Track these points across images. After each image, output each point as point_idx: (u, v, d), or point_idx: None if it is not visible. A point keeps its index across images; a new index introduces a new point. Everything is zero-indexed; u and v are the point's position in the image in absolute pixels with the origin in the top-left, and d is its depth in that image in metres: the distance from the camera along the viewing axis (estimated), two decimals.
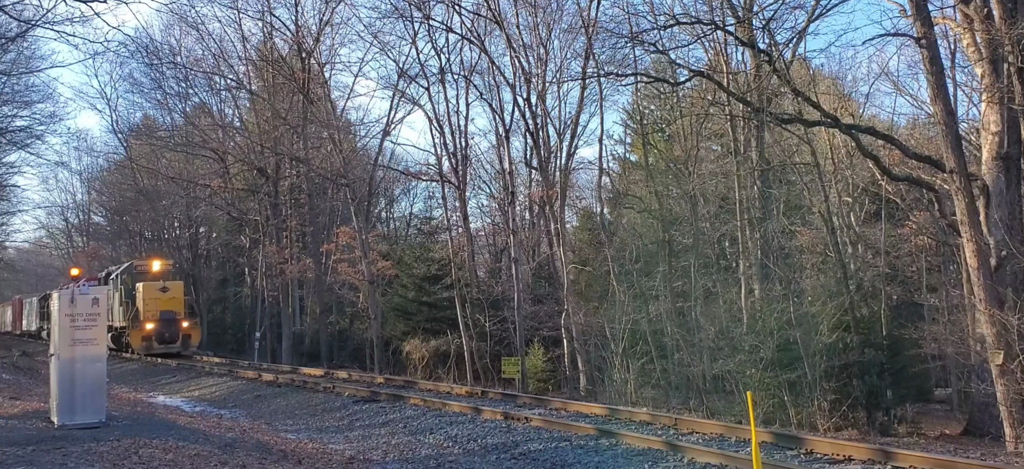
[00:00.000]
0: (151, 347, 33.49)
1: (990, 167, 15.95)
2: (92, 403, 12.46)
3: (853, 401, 21.16)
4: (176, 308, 34.15)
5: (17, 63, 31.38)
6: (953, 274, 25.90)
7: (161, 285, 34.06)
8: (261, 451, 11.49)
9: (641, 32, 22.89)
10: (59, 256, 74.49)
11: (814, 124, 21.01)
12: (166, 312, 33.76)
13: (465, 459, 10.98)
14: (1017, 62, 15.20)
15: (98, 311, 12.83)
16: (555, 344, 30.39)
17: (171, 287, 34.32)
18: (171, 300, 33.99)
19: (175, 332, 33.93)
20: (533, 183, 34.09)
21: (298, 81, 36.13)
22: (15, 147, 36.16)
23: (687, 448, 10.12)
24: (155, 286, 33.92)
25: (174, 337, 33.86)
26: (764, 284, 25.30)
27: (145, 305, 33.60)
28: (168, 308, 33.83)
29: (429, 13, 31.81)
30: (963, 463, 9.54)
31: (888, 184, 24.46)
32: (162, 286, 33.98)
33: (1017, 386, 14.64)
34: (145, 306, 33.61)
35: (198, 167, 43.39)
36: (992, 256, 15.59)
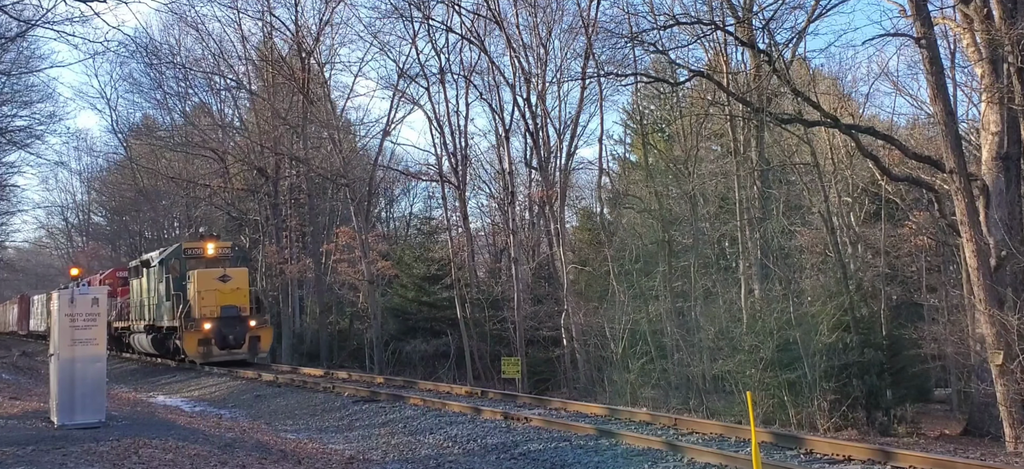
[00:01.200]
0: (210, 354, 26.40)
1: (990, 167, 15.97)
2: (92, 403, 12.46)
3: (853, 401, 21.15)
4: (241, 302, 26.80)
5: (17, 63, 31.40)
6: (953, 274, 25.90)
7: (221, 273, 26.79)
8: (261, 451, 11.49)
9: (641, 32, 22.91)
10: (59, 256, 74.52)
11: (814, 124, 21.02)
12: (229, 308, 26.54)
13: (465, 459, 10.98)
14: (1017, 62, 15.20)
15: (98, 311, 12.83)
16: (555, 344, 30.39)
17: (234, 275, 26.99)
18: (234, 292, 26.76)
19: (241, 334, 26.69)
20: (533, 183, 34.10)
21: (298, 81, 36.13)
22: (15, 147, 36.15)
23: (687, 448, 10.12)
24: (213, 274, 26.78)
25: (239, 340, 26.66)
26: (764, 284, 25.30)
27: (202, 299, 26.43)
28: (231, 302, 26.60)
29: (429, 13, 31.85)
30: (963, 463, 9.54)
31: (888, 184, 24.45)
32: (222, 274, 26.76)
33: (1017, 386, 14.64)
34: (202, 300, 26.42)
35: (198, 167, 43.38)
36: (992, 256, 15.59)
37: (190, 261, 28.14)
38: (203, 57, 40.27)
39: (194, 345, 26.33)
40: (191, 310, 26.60)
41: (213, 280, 26.62)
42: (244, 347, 26.67)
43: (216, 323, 26.35)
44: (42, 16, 17.14)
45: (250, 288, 27.57)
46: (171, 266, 28.33)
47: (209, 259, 28.11)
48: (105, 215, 65.44)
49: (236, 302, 26.68)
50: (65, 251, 72.58)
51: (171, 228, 53.56)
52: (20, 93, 34.09)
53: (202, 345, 26.31)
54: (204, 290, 26.45)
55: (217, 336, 26.32)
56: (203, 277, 26.64)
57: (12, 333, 59.42)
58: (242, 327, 26.73)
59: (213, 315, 26.34)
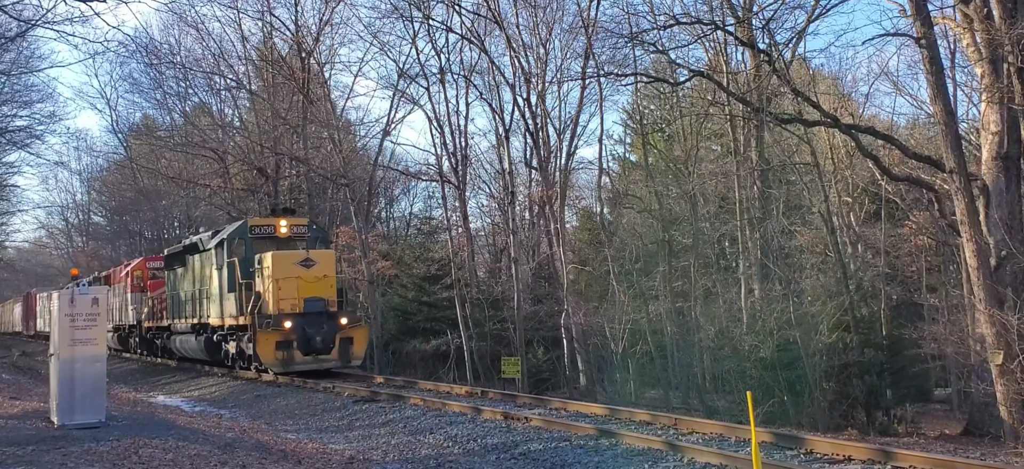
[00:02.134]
0: (290, 360, 20.72)
1: (990, 167, 15.96)
2: (92, 403, 12.47)
3: (853, 401, 21.18)
4: (328, 293, 21.19)
5: (17, 63, 31.37)
6: (953, 274, 25.90)
7: (302, 255, 21.26)
8: (261, 451, 11.49)
9: (641, 32, 22.91)
10: (59, 256, 74.50)
11: (814, 124, 21.03)
12: (314, 301, 20.89)
13: (465, 459, 10.98)
14: (1017, 62, 15.20)
15: (98, 311, 12.84)
16: (555, 344, 30.40)
17: (318, 259, 21.33)
18: (320, 281, 21.12)
19: (330, 334, 20.96)
20: (533, 183, 34.09)
21: (298, 81, 36.11)
22: (15, 147, 36.14)
23: (687, 448, 10.12)
24: (292, 257, 21.17)
25: (328, 343, 20.98)
26: (764, 284, 25.32)
27: (279, 289, 20.75)
28: (317, 294, 20.98)
29: (429, 13, 31.81)
30: (963, 463, 9.55)
31: (888, 184, 24.46)
32: (304, 257, 21.18)
33: (1017, 386, 14.64)
34: (279, 291, 20.76)
35: (198, 167, 43.34)
36: (992, 256, 15.59)
37: (257, 242, 22.48)
38: (203, 57, 40.24)
39: (271, 349, 20.49)
40: (264, 304, 20.86)
41: (292, 265, 20.90)
42: (333, 353, 20.99)
43: (298, 321, 20.58)
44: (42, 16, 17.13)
45: (336, 275, 22.03)
46: (234, 248, 22.48)
47: (281, 239, 22.53)
48: (105, 215, 65.42)
49: (322, 293, 20.99)
50: (65, 251, 72.60)
51: (171, 228, 53.55)
52: (20, 93, 34.10)
53: (281, 349, 20.56)
54: (282, 278, 20.67)
55: (300, 338, 20.54)
56: (281, 261, 20.90)
57: (16, 333, 58.25)
58: (331, 325, 20.97)
59: (294, 310, 20.66)
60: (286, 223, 23.05)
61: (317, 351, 20.83)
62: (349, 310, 22.41)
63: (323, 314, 20.91)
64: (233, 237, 22.90)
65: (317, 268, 21.17)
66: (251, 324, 20.86)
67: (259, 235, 22.83)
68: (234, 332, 22.69)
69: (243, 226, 23.31)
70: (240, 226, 23.45)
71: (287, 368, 20.70)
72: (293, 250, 21.88)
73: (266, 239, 22.65)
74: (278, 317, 20.52)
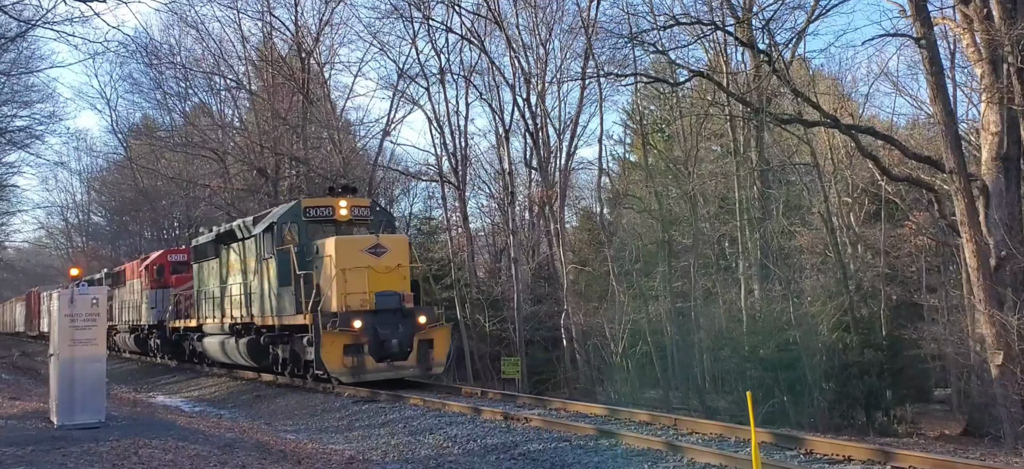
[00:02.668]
0: (361, 369, 17.14)
1: (990, 167, 15.97)
2: (92, 403, 12.46)
3: (853, 401, 21.19)
4: (402, 286, 17.81)
5: (17, 63, 31.35)
6: (953, 274, 25.89)
7: (371, 241, 17.73)
8: (261, 451, 11.49)
9: (641, 32, 22.97)
10: (59, 256, 74.50)
11: (814, 124, 21.04)
12: (387, 296, 17.48)
13: (465, 459, 10.98)
14: (1017, 62, 15.21)
15: (98, 311, 12.84)
16: (555, 344, 30.41)
17: (390, 245, 17.92)
18: (392, 271, 17.68)
19: (407, 336, 17.49)
20: (533, 183, 34.10)
21: (298, 81, 36.12)
22: (15, 147, 36.11)
23: (687, 448, 10.12)
24: (359, 244, 17.75)
25: (405, 346, 17.48)
26: (764, 284, 25.33)
27: (345, 281, 17.28)
28: (390, 287, 17.58)
29: (429, 13, 31.85)
30: (963, 463, 9.54)
31: (888, 184, 24.46)
32: (374, 244, 17.66)
33: (1017, 386, 14.65)
34: (345, 284, 17.28)
35: (198, 167, 43.34)
36: (992, 256, 15.60)
37: (311, 226, 19.19)
38: (203, 57, 40.26)
39: (338, 355, 16.95)
40: (326, 300, 17.38)
41: (360, 252, 17.43)
42: (412, 359, 17.49)
43: (369, 320, 17.11)
44: (42, 16, 17.17)
45: (409, 265, 18.31)
46: (286, 234, 18.92)
47: (341, 223, 19.25)
48: (105, 215, 65.43)
49: (396, 286, 17.59)
50: (65, 251, 72.57)
51: (171, 228, 53.57)
52: (20, 93, 34.07)
53: (350, 355, 17.00)
54: (349, 267, 17.25)
55: (372, 341, 17.11)
56: (346, 248, 17.47)
57: (18, 334, 57.47)
58: (407, 325, 17.49)
59: (363, 307, 17.24)
60: (346, 204, 19.31)
61: (392, 356, 17.26)
62: (426, 306, 19.13)
63: (398, 311, 17.43)
64: (284, 220, 19.19)
65: (389, 256, 17.60)
66: (313, 324, 17.21)
67: (314, 218, 19.33)
68: (286, 334, 19.18)
69: (296, 208, 19.56)
70: (292, 208, 19.72)
71: (357, 378, 17.08)
72: (360, 234, 18.62)
73: (322, 223, 19.30)
74: (346, 315, 16.98)
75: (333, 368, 17.10)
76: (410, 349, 17.46)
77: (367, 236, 18.27)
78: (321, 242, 18.26)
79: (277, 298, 19.24)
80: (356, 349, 17.03)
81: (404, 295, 17.72)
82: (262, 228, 20.01)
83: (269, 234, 19.58)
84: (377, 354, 17.19)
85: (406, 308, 17.66)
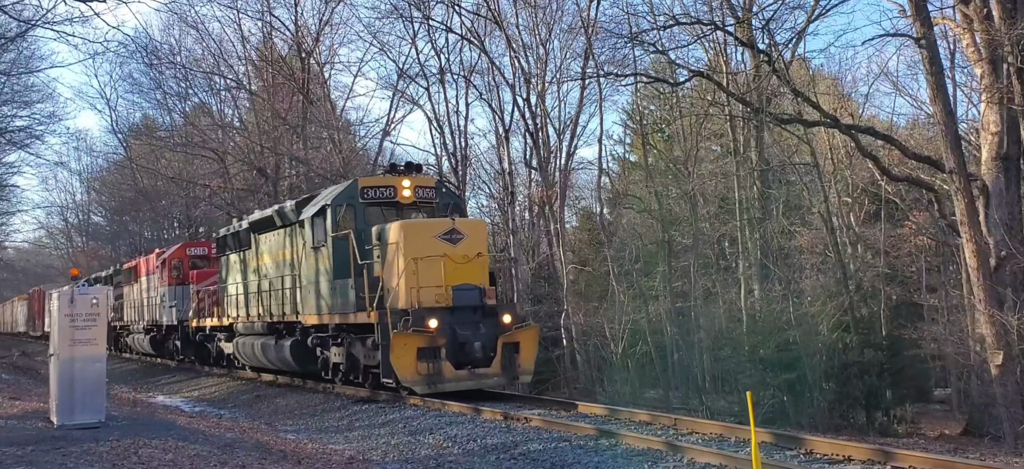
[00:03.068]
0: (439, 376, 14.81)
1: (990, 167, 15.99)
2: (92, 403, 12.47)
3: (853, 401, 21.19)
4: (481, 280, 15.46)
5: (17, 63, 31.34)
6: (953, 274, 25.89)
7: (447, 226, 15.34)
8: (261, 451, 11.49)
9: (641, 32, 22.98)
10: (59, 256, 74.54)
11: (814, 124, 21.05)
12: (465, 290, 15.12)
13: (465, 459, 10.98)
14: (1016, 62, 15.23)
15: (98, 311, 12.85)
16: (555, 344, 30.40)
17: (467, 230, 15.57)
18: (471, 262, 15.32)
19: (490, 339, 15.10)
20: (533, 183, 34.09)
21: (298, 81, 36.13)
22: (15, 147, 36.04)
23: (687, 448, 10.12)
24: (431, 228, 15.43)
25: (487, 353, 15.04)
26: (764, 284, 25.33)
27: (416, 273, 14.89)
28: (469, 280, 15.24)
29: (429, 13, 31.85)
30: (963, 463, 9.55)
31: (888, 184, 24.47)
32: (449, 229, 15.30)
33: (1017, 386, 14.66)
34: (416, 276, 14.89)
35: (198, 167, 43.37)
36: (992, 256, 15.62)
37: (370, 209, 16.72)
38: (203, 57, 40.28)
39: (410, 360, 14.50)
40: (392, 294, 14.94)
41: (432, 239, 15.05)
42: (495, 365, 14.98)
43: (445, 319, 14.73)
44: (42, 16, 17.17)
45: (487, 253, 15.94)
46: (341, 218, 16.47)
47: (404, 206, 16.76)
48: (105, 215, 65.43)
49: (476, 279, 15.22)
50: (65, 251, 72.63)
51: (171, 228, 53.58)
52: (20, 93, 34.02)
53: (425, 360, 14.60)
54: (421, 257, 14.82)
55: (450, 343, 14.73)
56: (416, 234, 15.12)
57: (20, 334, 57.03)
58: (490, 326, 15.06)
59: (439, 303, 14.86)
60: (410, 184, 16.79)
61: (474, 362, 14.83)
62: (509, 307, 16.38)
63: (479, 309, 15.12)
64: (339, 203, 16.63)
65: (466, 243, 15.14)
66: (378, 323, 14.82)
67: (372, 200, 16.79)
68: (342, 334, 16.76)
69: (351, 188, 17.03)
70: (347, 188, 17.12)
71: (434, 387, 14.64)
72: (429, 217, 16.42)
73: (382, 206, 16.84)
74: (419, 313, 14.57)
75: (405, 375, 14.56)
76: (494, 354, 14.93)
77: (441, 220, 15.74)
78: (384, 227, 15.74)
79: (332, 293, 16.63)
80: (432, 353, 14.60)
81: (485, 290, 15.22)
82: (312, 212, 17.30)
83: (321, 218, 16.88)
84: (456, 359, 14.75)
85: (488, 305, 15.19)
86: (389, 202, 16.90)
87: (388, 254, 15.52)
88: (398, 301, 14.96)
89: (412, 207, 16.89)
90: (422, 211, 16.86)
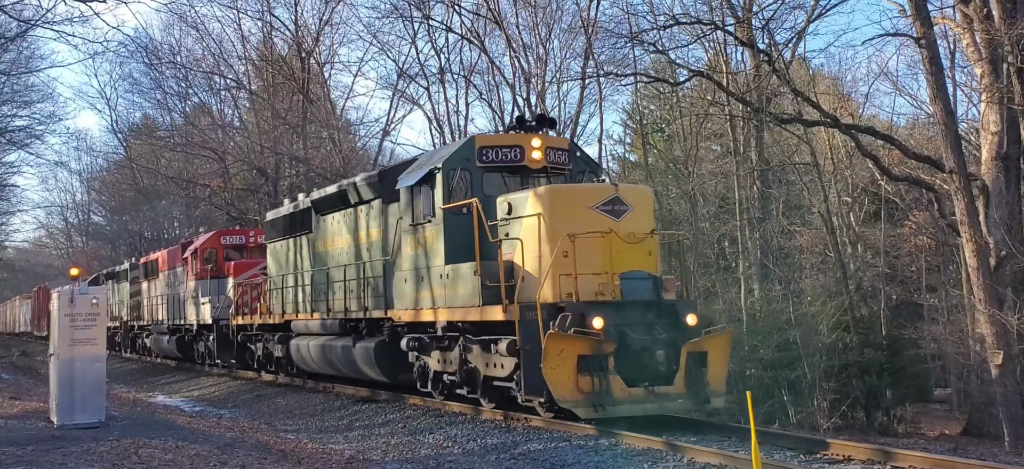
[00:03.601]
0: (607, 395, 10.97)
1: (990, 167, 16.00)
2: (92, 403, 12.48)
3: (853, 401, 21.17)
4: (653, 266, 12.18)
5: (17, 63, 31.34)
6: (953, 274, 25.92)
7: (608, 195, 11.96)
8: (261, 451, 11.49)
9: (641, 32, 22.96)
10: (59, 256, 74.57)
11: (814, 124, 21.05)
12: (636, 280, 11.83)
13: (464, 459, 10.97)
14: (1017, 62, 15.24)
15: (98, 311, 12.86)
16: None
17: (633, 201, 12.09)
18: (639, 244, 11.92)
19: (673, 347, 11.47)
20: None
21: (298, 81, 36.14)
22: (15, 147, 36.06)
23: (687, 448, 10.10)
24: (586, 196, 11.97)
25: (669, 366, 11.39)
26: (764, 284, 25.31)
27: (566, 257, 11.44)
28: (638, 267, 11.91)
29: (429, 13, 31.85)
30: (963, 463, 9.54)
31: (888, 184, 24.49)
32: (610, 198, 11.88)
33: (1017, 386, 14.67)
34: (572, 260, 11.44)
35: (198, 167, 43.39)
36: (992, 256, 15.62)
37: (489, 176, 13.36)
38: (203, 57, 40.34)
39: (569, 373, 10.92)
40: (531, 284, 11.68)
41: (588, 210, 11.69)
42: (678, 382, 11.34)
43: (612, 318, 11.24)
44: (42, 16, 17.19)
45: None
46: (454, 185, 13.18)
47: (534, 171, 13.39)
48: (105, 215, 65.49)
49: (648, 266, 11.98)
50: (65, 251, 72.66)
51: (171, 228, 53.59)
52: (20, 93, 34.04)
53: (587, 372, 10.94)
54: (578, 233, 11.42)
55: (622, 351, 11.19)
56: (566, 202, 11.83)
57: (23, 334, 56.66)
58: (672, 328, 11.64)
59: (602, 295, 11.50)
60: (541, 144, 13.35)
61: (652, 378, 11.23)
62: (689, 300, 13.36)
63: (655, 306, 11.68)
64: (453, 166, 13.24)
65: (632, 217, 11.78)
66: (520, 321, 11.33)
67: (492, 163, 13.36)
68: (448, 336, 13.43)
69: (467, 149, 13.52)
70: (462, 149, 13.62)
71: (601, 410, 10.84)
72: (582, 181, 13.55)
73: (504, 171, 13.48)
74: (578, 309, 11.10)
75: (562, 393, 10.85)
76: (676, 367, 11.29)
77: (600, 185, 13.03)
78: (519, 196, 12.45)
79: (442, 282, 13.07)
80: (596, 364, 10.90)
81: (662, 280, 11.98)
82: (413, 180, 13.83)
83: (428, 187, 13.43)
84: (630, 373, 11.12)
85: (666, 301, 11.79)
86: (514, 166, 13.41)
87: (524, 231, 11.94)
88: (540, 292, 11.48)
89: (541, 174, 13.45)
90: (552, 180, 13.35)
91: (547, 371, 10.94)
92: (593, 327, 11.05)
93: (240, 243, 25.47)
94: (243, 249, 25.16)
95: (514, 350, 11.68)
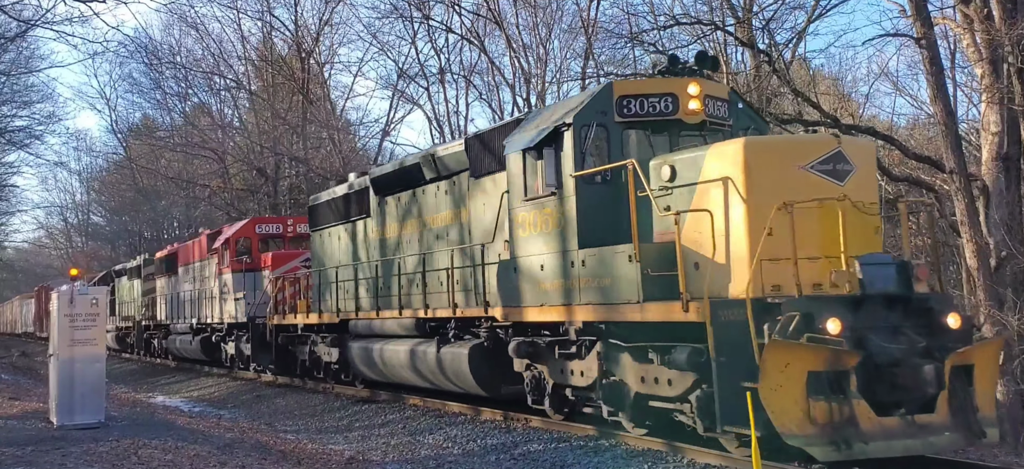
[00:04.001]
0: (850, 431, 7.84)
1: (990, 167, 15.98)
2: (91, 403, 12.48)
3: None
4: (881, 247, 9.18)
5: (16, 63, 31.40)
6: (953, 274, 25.89)
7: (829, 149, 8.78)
8: (261, 451, 11.49)
9: (641, 32, 22.97)
10: (58, 256, 74.59)
11: (814, 124, 20.98)
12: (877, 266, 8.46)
13: (464, 459, 10.96)
14: (1017, 62, 15.23)
15: (98, 311, 12.86)
16: None
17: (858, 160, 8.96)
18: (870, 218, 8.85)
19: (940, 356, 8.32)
20: None
21: (297, 81, 36.17)
22: (14, 147, 36.16)
23: (687, 448, 10.09)
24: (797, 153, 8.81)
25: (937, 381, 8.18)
26: None
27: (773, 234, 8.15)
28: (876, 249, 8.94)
29: (429, 13, 31.87)
30: (963, 463, 9.53)
31: (888, 184, 24.46)
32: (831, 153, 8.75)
33: (1017, 386, 14.65)
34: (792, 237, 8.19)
35: (198, 167, 43.41)
36: (992, 256, 15.61)
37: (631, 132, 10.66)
38: (203, 57, 40.38)
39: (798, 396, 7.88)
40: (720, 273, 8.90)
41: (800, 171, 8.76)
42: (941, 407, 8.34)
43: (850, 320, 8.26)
44: (42, 16, 17.22)
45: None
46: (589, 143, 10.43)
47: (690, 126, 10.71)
48: (104, 215, 65.53)
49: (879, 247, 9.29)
50: (64, 251, 72.67)
51: (171, 228, 53.61)
52: (20, 93, 34.11)
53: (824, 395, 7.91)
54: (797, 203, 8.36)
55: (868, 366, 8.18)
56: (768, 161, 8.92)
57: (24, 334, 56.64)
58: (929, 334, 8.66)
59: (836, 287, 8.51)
60: (698, 91, 10.70)
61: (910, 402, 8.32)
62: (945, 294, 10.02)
63: (902, 302, 8.77)
64: (584, 121, 10.47)
65: (858, 179, 9.05)
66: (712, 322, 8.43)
67: (634, 118, 10.64)
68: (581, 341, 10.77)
69: (603, 98, 10.69)
70: (596, 99, 10.70)
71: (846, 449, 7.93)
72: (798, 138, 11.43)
73: (650, 127, 10.72)
74: (799, 306, 8.23)
75: (789, 425, 7.96)
76: (942, 387, 8.38)
77: (817, 137, 10.36)
78: (683, 157, 9.72)
79: (581, 271, 10.30)
80: (834, 383, 8.06)
81: (914, 265, 9.06)
82: (530, 140, 10.96)
83: (553, 148, 10.64)
84: (879, 396, 8.24)
85: (917, 296, 8.93)
86: (663, 119, 10.64)
87: (704, 201, 9.13)
88: (731, 284, 8.82)
89: (697, 130, 10.71)
90: (708, 139, 10.47)
91: (766, 393, 7.85)
92: (827, 332, 8.06)
93: (277, 232, 22.83)
94: (280, 239, 22.67)
95: (697, 362, 8.83)
